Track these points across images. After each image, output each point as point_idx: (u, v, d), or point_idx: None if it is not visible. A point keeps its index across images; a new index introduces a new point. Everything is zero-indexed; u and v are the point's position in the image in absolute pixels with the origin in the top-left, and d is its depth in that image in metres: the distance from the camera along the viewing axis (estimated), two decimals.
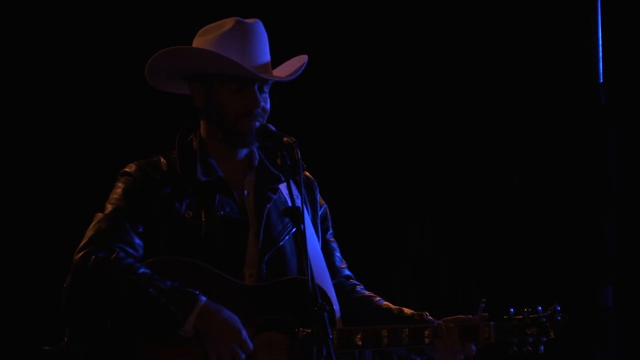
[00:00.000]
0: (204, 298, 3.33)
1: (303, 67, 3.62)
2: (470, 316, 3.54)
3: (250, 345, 3.34)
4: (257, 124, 3.52)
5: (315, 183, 3.77)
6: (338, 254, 3.79)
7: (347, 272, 3.77)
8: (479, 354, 3.53)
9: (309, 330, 3.12)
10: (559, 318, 3.52)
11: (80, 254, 3.38)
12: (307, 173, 3.75)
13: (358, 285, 3.76)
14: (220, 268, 3.43)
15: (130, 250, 3.42)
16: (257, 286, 3.48)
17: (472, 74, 5.68)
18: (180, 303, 3.31)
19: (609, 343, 5.46)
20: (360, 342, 3.44)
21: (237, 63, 3.47)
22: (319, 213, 3.74)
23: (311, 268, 3.12)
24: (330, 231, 3.79)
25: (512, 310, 3.53)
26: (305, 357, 3.30)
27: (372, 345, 3.46)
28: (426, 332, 3.48)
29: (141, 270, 3.35)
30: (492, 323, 3.51)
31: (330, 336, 3.05)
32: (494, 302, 3.59)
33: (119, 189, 3.53)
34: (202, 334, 3.32)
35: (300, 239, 3.23)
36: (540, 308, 3.53)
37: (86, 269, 3.35)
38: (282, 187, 3.63)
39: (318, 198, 3.76)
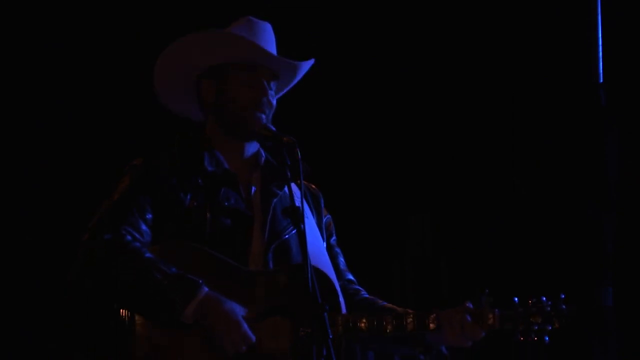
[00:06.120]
0: (206, 289, 3.33)
1: (308, 66, 3.70)
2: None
3: (252, 337, 3.34)
4: (263, 116, 3.57)
5: (321, 194, 3.82)
6: (342, 258, 3.82)
7: (350, 276, 3.79)
8: (484, 345, 3.51)
9: (309, 330, 3.12)
10: (564, 307, 3.50)
11: (88, 235, 3.40)
12: (314, 185, 3.80)
13: (361, 290, 3.77)
14: None
15: (137, 235, 3.43)
16: (263, 272, 3.49)
17: (472, 74, 5.68)
18: (181, 291, 3.31)
19: (609, 343, 5.45)
20: (364, 326, 3.44)
21: (252, 42, 3.53)
22: (323, 220, 3.79)
23: (311, 268, 3.12)
24: (334, 237, 3.83)
25: (516, 300, 3.51)
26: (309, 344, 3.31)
27: (376, 331, 3.45)
28: (431, 317, 3.46)
29: (147, 255, 3.36)
30: (496, 310, 3.48)
31: (331, 336, 3.05)
32: (494, 302, 3.58)
33: (126, 179, 3.55)
34: (203, 324, 3.33)
35: (300, 239, 3.23)
36: (544, 298, 3.52)
37: (93, 250, 3.36)
38: None
39: (322, 207, 3.81)
